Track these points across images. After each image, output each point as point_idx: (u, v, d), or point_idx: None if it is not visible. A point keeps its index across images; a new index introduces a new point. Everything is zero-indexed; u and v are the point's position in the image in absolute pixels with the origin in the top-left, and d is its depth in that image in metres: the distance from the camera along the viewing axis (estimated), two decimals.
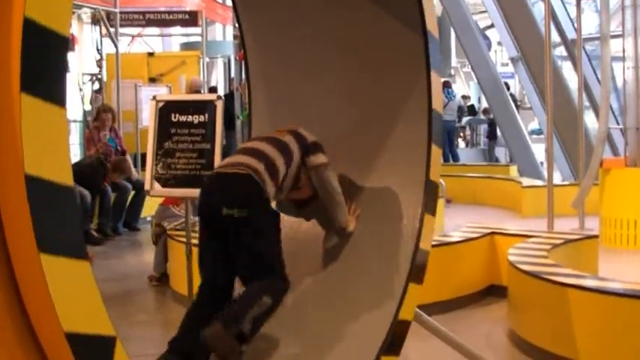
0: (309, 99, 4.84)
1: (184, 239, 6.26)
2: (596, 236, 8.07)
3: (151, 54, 18.74)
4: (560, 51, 15.98)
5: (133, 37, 24.47)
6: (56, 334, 2.32)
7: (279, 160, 4.12)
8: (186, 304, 5.41)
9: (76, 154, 16.33)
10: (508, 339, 6.20)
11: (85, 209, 10.89)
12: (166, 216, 8.91)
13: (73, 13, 15.37)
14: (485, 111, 22.15)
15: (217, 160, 5.40)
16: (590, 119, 13.57)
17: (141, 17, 19.08)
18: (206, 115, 5.52)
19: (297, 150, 4.25)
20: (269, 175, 4.00)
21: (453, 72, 31.51)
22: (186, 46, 22.96)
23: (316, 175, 4.28)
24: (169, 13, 20.09)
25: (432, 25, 4.24)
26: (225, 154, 5.74)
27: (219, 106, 5.52)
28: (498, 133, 20.29)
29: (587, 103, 13.37)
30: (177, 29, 23.25)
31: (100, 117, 12.65)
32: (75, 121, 16.53)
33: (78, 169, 10.46)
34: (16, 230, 2.29)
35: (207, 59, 18.79)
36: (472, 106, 26.76)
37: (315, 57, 4.78)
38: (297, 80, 4.87)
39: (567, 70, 16.16)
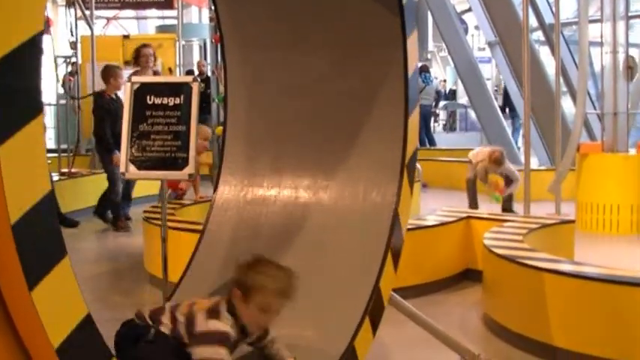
0: (286, 78, 4.81)
1: (160, 222, 6.21)
2: (572, 221, 8.08)
3: (126, 37, 18.54)
4: (538, 35, 16.02)
5: (109, 19, 24.31)
6: (38, 330, 2.30)
7: None
8: (162, 286, 5.40)
9: (51, 138, 16.22)
10: (482, 323, 6.20)
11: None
12: None
13: None
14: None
15: (192, 142, 5.34)
16: (567, 104, 13.62)
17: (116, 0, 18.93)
18: (181, 97, 5.46)
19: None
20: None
21: (429, 56, 31.55)
22: (161, 29, 22.79)
23: None
24: None
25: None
26: None
27: (195, 88, 5.46)
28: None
29: (564, 88, 13.42)
30: (152, 12, 23.14)
31: (140, 54, 10.53)
32: (50, 104, 16.37)
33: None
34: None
35: (183, 42, 18.65)
36: (453, 91, 26.89)
37: (292, 34, 4.74)
38: (274, 60, 4.83)
39: (545, 54, 16.19)
